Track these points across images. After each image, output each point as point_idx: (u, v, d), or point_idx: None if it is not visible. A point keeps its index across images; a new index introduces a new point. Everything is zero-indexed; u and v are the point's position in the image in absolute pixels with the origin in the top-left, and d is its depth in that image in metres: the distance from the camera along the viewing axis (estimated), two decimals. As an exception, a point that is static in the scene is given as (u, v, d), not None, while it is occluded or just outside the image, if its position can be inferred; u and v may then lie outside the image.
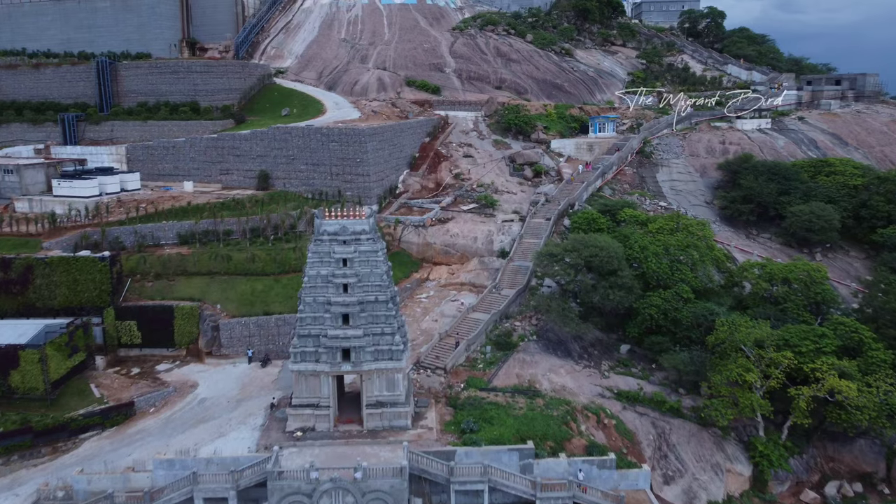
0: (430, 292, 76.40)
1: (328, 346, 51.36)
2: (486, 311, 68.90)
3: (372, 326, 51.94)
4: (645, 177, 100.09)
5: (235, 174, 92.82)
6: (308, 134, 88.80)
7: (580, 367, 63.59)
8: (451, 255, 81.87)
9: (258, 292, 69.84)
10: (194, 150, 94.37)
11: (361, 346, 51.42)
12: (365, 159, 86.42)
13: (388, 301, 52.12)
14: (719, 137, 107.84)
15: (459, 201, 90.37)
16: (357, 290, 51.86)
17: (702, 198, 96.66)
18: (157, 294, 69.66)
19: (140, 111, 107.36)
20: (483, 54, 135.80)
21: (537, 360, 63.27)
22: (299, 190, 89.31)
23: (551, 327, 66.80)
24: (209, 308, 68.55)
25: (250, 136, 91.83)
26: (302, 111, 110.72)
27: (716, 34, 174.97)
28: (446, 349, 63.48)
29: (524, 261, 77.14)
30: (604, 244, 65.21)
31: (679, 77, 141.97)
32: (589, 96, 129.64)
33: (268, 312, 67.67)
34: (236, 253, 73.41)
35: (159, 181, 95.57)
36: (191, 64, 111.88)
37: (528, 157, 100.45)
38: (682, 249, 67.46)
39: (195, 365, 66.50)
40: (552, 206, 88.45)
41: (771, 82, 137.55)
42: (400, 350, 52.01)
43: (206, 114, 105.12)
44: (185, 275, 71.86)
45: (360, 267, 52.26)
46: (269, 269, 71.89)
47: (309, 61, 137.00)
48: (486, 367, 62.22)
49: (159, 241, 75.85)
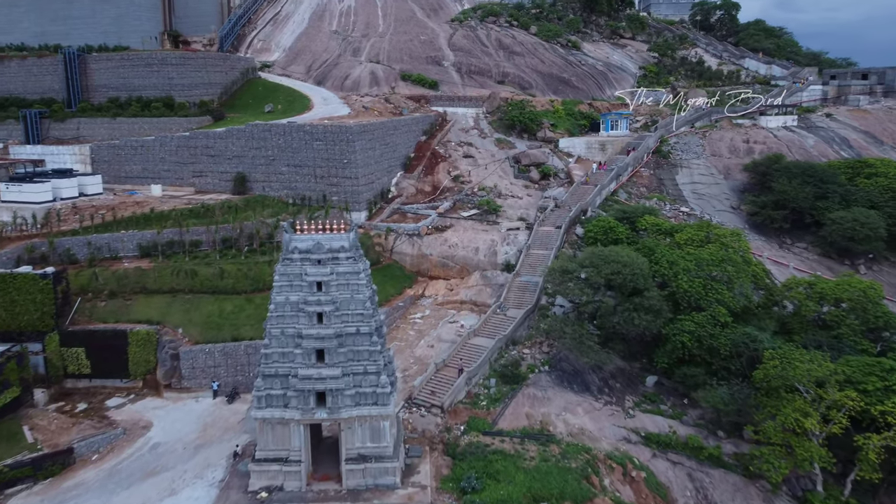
0: (425, 311, 67.14)
1: (299, 388, 42.15)
2: (489, 335, 59.71)
3: (352, 364, 42.73)
4: (663, 179, 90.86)
5: (210, 177, 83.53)
6: (290, 132, 79.47)
7: (600, 403, 54.34)
8: (449, 269, 72.63)
9: (227, 314, 60.55)
10: (164, 150, 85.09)
11: (339, 388, 42.21)
12: (353, 160, 77.14)
13: (373, 333, 42.90)
14: (743, 136, 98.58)
15: (459, 207, 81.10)
16: (334, 321, 42.63)
17: (727, 202, 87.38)
18: (111, 316, 60.37)
19: (109, 107, 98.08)
20: (484, 47, 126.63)
21: (550, 395, 54.06)
22: (280, 194, 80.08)
23: (566, 356, 57.56)
24: (169, 332, 59.26)
25: (226, 135, 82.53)
26: (287, 107, 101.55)
27: (729, 27, 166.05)
28: (444, 383, 54.25)
29: (532, 275, 67.94)
30: (627, 259, 56.01)
31: (693, 71, 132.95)
32: (598, 92, 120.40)
33: (237, 338, 58.32)
34: (203, 267, 64.22)
35: (127, 184, 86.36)
36: (166, 56, 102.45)
37: (534, 158, 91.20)
38: (717, 264, 58.19)
39: (152, 399, 57.25)
40: (562, 211, 79.23)
41: (793, 77, 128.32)
42: (387, 393, 42.80)
43: (181, 110, 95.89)
44: (143, 293, 62.62)
45: (339, 292, 43.03)
46: (240, 286, 62.64)
47: (297, 54, 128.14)
48: (490, 404, 53.02)
49: (117, 253, 66.66)
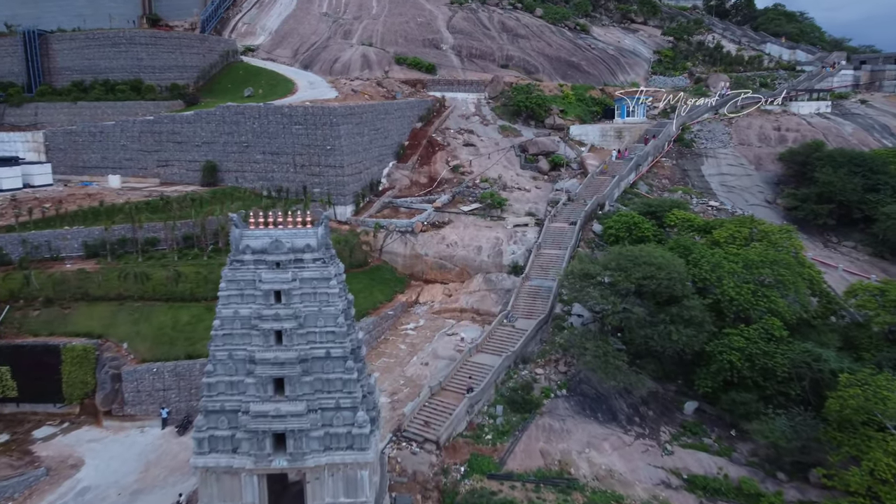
0: (419, 321, 57.42)
1: (251, 428, 32.40)
2: (495, 351, 50.03)
3: (321, 397, 33.02)
4: (687, 170, 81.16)
5: (176, 166, 73.81)
6: (265, 115, 69.73)
7: (631, 436, 44.65)
8: (447, 271, 62.93)
9: (182, 326, 50.82)
10: (126, 137, 75.35)
11: (304, 428, 32.49)
12: (337, 146, 67.40)
13: (347, 356, 33.17)
14: (773, 123, 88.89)
15: (458, 200, 71.42)
16: (297, 341, 32.93)
17: (760, 196, 77.73)
18: (44, 327, 50.68)
19: (71, 91, 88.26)
20: (486, 29, 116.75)
21: (570, 427, 44.37)
22: (255, 186, 70.40)
23: (587, 376, 47.87)
24: (112, 348, 49.55)
25: (194, 119, 72.77)
26: (269, 91, 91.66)
27: (745, 13, 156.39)
28: (440, 410, 44.55)
29: (544, 279, 58.26)
30: (661, 261, 46.31)
31: (711, 57, 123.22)
32: (610, 77, 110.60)
33: (192, 355, 48.57)
34: (158, 270, 54.55)
35: (85, 175, 76.74)
36: (134, 35, 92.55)
37: (542, 146, 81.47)
38: (768, 266, 48.50)
39: (88, 429, 47.53)
40: (576, 206, 69.55)
41: (820, 62, 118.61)
42: (365, 434, 33.06)
43: (149, 93, 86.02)
44: (86, 300, 52.91)
45: (303, 304, 33.31)
46: (199, 292, 52.93)
47: (284, 38, 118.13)
48: (496, 438, 43.35)
49: (58, 252, 57.03)
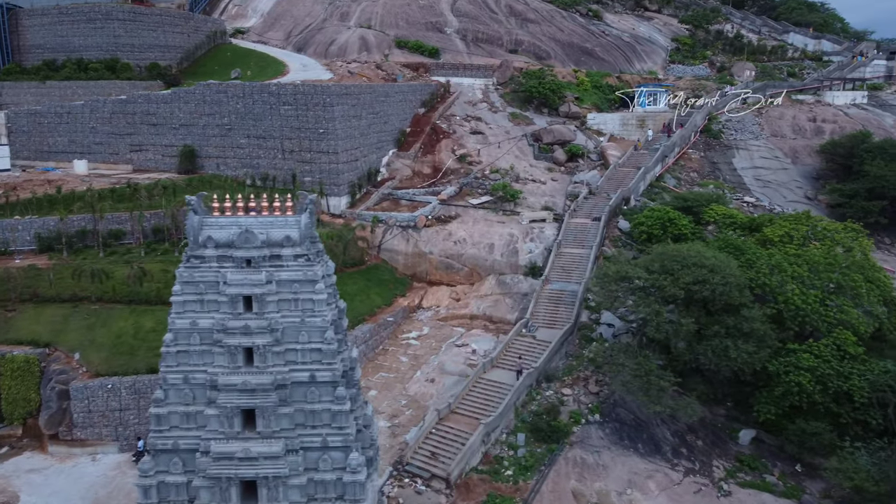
0: (423, 329, 49.87)
1: (213, 474, 24.86)
2: (513, 366, 42.53)
3: (303, 434, 25.52)
4: (717, 163, 73.85)
5: (151, 151, 66.08)
6: (250, 94, 62.08)
7: (679, 472, 37.21)
8: (455, 272, 55.40)
9: (144, 333, 43.10)
10: (96, 118, 67.56)
11: (280, 474, 24.95)
12: (331, 129, 59.81)
13: (337, 381, 25.64)
14: (807, 114, 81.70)
15: (467, 192, 63.92)
16: (273, 361, 25.42)
17: (799, 191, 70.47)
18: (-17, 334, 43.15)
19: (40, 70, 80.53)
20: (493, 13, 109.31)
21: (606, 461, 36.92)
22: (238, 174, 62.80)
23: (622, 398, 40.46)
24: (61, 359, 41.90)
25: (171, 98, 65.06)
26: (258, 73, 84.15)
27: (763, 3, 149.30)
28: (450, 439, 37.09)
29: (567, 282, 50.79)
30: (714, 263, 38.92)
31: (732, 46, 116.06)
32: (626, 65, 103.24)
33: (156, 369, 40.30)
34: (121, 267, 46.92)
35: (51, 160, 68.96)
36: (111, 10, 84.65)
37: (558, 135, 73.99)
38: (838, 271, 41.17)
39: (30, 456, 39.85)
40: (599, 200, 62.17)
41: (849, 52, 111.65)
42: (360, 482, 25.54)
43: (125, 72, 78.34)
44: (34, 301, 45.21)
45: (281, 313, 25.82)
46: (167, 294, 44.19)
47: (276, 20, 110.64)
48: (518, 474, 35.89)
49: (7, 245, 49.51)
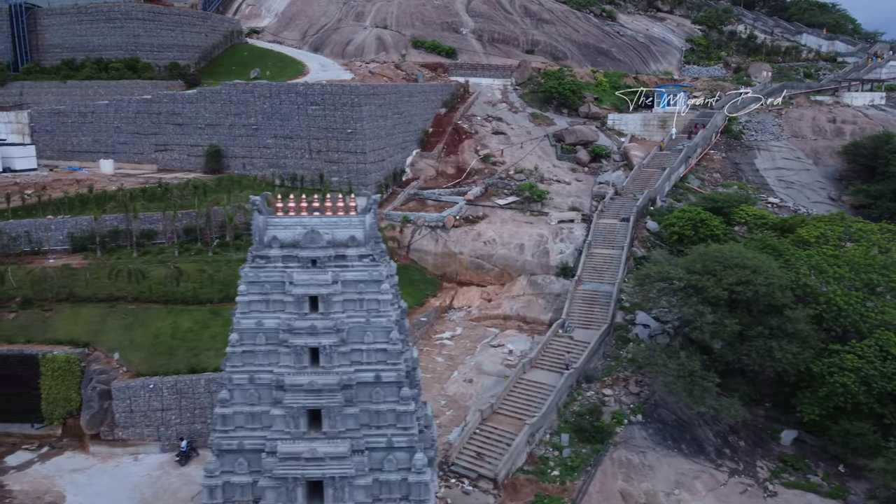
0: (456, 329, 49.91)
1: (279, 474, 24.89)
2: (552, 367, 42.61)
3: (368, 435, 25.54)
4: (739, 163, 73.90)
5: (176, 151, 66.13)
6: (277, 94, 62.14)
7: (724, 473, 37.25)
8: (485, 272, 55.44)
9: (183, 333, 43.15)
10: (120, 118, 67.61)
11: (347, 475, 24.97)
12: (359, 130, 59.84)
13: (402, 381, 25.68)
14: (827, 115, 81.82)
15: (492, 193, 63.93)
16: (339, 361, 25.43)
17: (823, 192, 70.55)
18: (21, 333, 43.00)
19: (60, 69, 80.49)
20: (507, 13, 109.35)
21: (651, 462, 36.97)
22: (264, 174, 62.83)
23: (663, 399, 40.52)
24: (101, 359, 41.92)
25: (197, 98, 65.11)
26: (277, 73, 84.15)
27: (773, 4, 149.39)
28: (494, 440, 37.13)
29: (600, 283, 50.84)
30: (757, 264, 39.00)
31: (746, 46, 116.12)
32: (642, 65, 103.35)
33: (196, 368, 40.96)
34: (156, 267, 46.93)
35: (74, 160, 68.98)
36: (131, 9, 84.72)
37: (581, 135, 74.02)
38: (878, 272, 41.24)
39: (71, 456, 39.88)
40: (625, 200, 62.23)
41: (864, 53, 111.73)
42: (424, 482, 25.61)
43: (147, 72, 78.33)
44: (71, 301, 45.21)
45: (346, 314, 25.82)
46: (204, 294, 45.31)
47: (291, 19, 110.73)
48: (564, 474, 35.93)
49: (40, 245, 49.42)
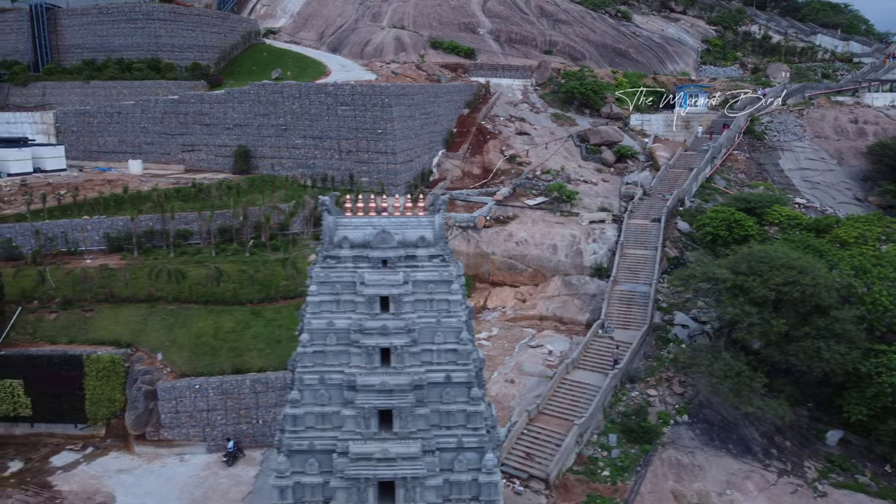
0: (492, 330, 49.93)
1: (351, 475, 24.90)
2: (595, 368, 42.65)
3: (439, 435, 25.55)
4: (763, 164, 73.96)
5: (204, 151, 66.14)
6: (307, 94, 62.15)
7: (773, 473, 37.29)
8: (518, 272, 55.45)
9: (225, 333, 43.18)
10: (147, 118, 67.60)
11: (418, 475, 24.99)
12: (389, 130, 59.87)
13: (472, 382, 25.70)
14: (848, 115, 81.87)
15: (521, 193, 63.97)
16: (410, 362, 25.44)
17: (849, 193, 70.61)
18: (63, 334, 43.09)
19: (83, 70, 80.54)
20: (524, 14, 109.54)
21: (701, 462, 37.01)
22: (293, 174, 62.78)
23: (707, 399, 40.57)
24: (145, 359, 41.97)
25: (225, 98, 65.11)
26: (298, 74, 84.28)
27: (785, 4, 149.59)
28: (543, 440, 37.17)
29: (636, 283, 50.90)
30: (802, 264, 39.06)
31: (761, 47, 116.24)
32: (659, 66, 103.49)
33: (241, 369, 41.04)
34: (194, 267, 46.93)
35: (100, 160, 68.99)
36: (152, 10, 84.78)
37: (605, 136, 74.08)
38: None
39: (117, 456, 39.92)
40: (654, 201, 62.28)
41: (881, 53, 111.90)
42: (495, 483, 25.63)
43: (169, 72, 78.39)
44: (110, 301, 45.25)
45: (417, 314, 25.84)
46: (244, 295, 45.35)
47: (307, 20, 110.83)
48: (614, 474, 35.97)
49: (76, 245, 49.40)
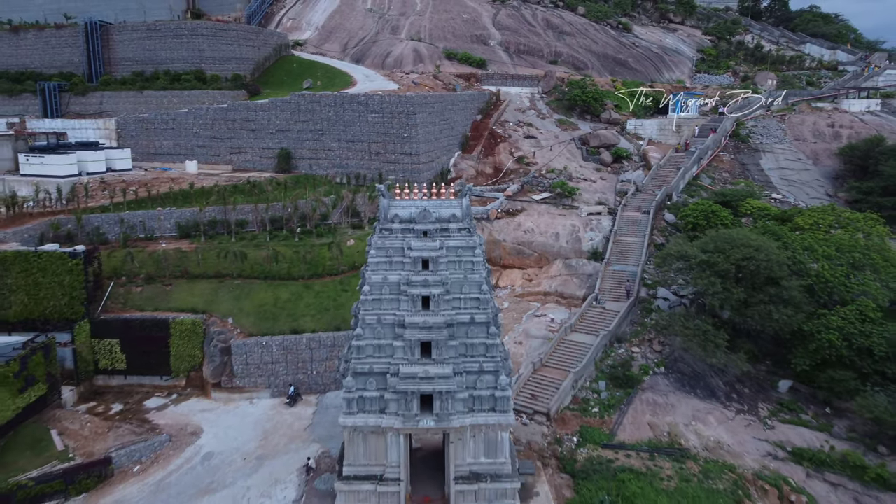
0: (503, 304, 58.76)
1: (400, 389, 33.80)
2: (589, 331, 51.37)
3: (466, 361, 34.41)
4: (746, 164, 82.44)
5: (249, 153, 75.37)
6: (341, 103, 71.26)
7: (731, 412, 45.91)
8: (525, 257, 64.26)
9: (283, 302, 52.28)
10: (199, 124, 76.95)
11: (450, 390, 33.84)
12: (413, 134, 68.85)
13: (490, 322, 34.57)
14: (826, 120, 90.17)
15: (528, 189, 72.78)
16: (444, 307, 34.34)
17: (821, 189, 78.99)
18: (148, 303, 52.20)
19: (135, 80, 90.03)
20: (531, 26, 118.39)
21: (672, 402, 45.68)
22: (329, 173, 71.86)
23: (681, 355, 49.19)
24: (218, 323, 51.04)
25: (268, 107, 74.35)
26: (327, 84, 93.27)
27: (779, 15, 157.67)
28: (545, 385, 45.94)
29: (626, 265, 59.61)
30: (759, 243, 47.67)
31: (753, 56, 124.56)
32: (657, 74, 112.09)
33: (296, 330, 50.09)
34: (253, 250, 56.01)
35: (156, 161, 78.35)
36: (196, 26, 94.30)
37: (604, 139, 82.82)
38: (860, 251, 49.79)
39: (198, 401, 49.00)
40: (645, 196, 70.90)
41: (863, 62, 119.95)
42: (507, 397, 34.45)
43: (214, 83, 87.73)
44: (185, 277, 54.41)
45: (449, 271, 34.75)
46: (296, 272, 54.41)
47: (331, 33, 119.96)
48: (602, 411, 44.68)
49: (153, 232, 58.54)
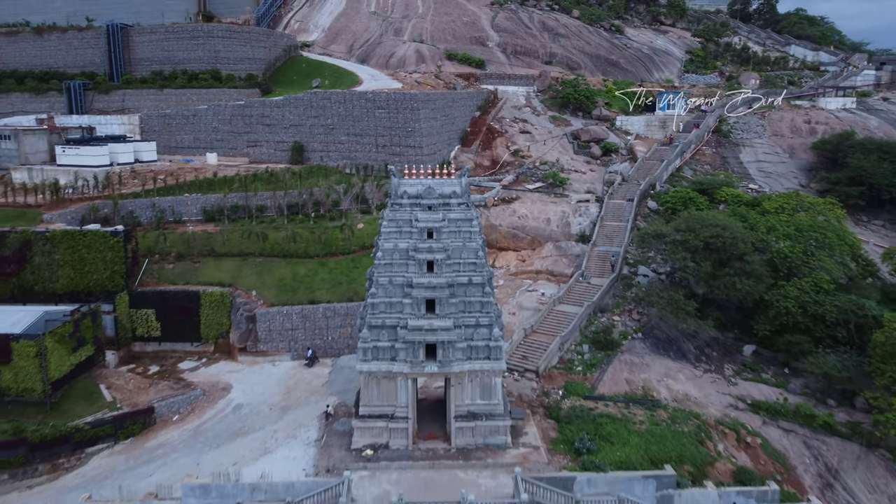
0: (499, 281, 64.66)
1: (408, 339, 39.72)
2: (575, 302, 57.30)
3: (464, 316, 40.34)
4: (727, 157, 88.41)
5: (265, 146, 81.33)
6: (350, 100, 77.25)
7: (700, 371, 51.87)
8: (519, 240, 70.20)
9: (300, 277, 58.27)
10: (218, 120, 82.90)
11: (451, 340, 39.76)
12: (417, 129, 74.81)
13: (485, 283, 40.49)
14: (803, 117, 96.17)
15: (522, 180, 78.76)
16: (445, 269, 40.26)
17: (795, 180, 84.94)
18: (180, 278, 58.19)
19: (155, 79, 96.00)
20: (528, 28, 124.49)
21: (647, 362, 51.61)
22: (339, 164, 77.81)
23: (657, 323, 55.13)
24: (243, 295, 57.01)
25: (283, 103, 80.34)
26: (335, 83, 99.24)
27: (768, 17, 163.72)
28: (535, 348, 51.85)
29: (610, 245, 65.54)
30: (726, 223, 53.63)
31: (739, 57, 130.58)
32: (647, 74, 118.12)
33: (313, 301, 56.06)
34: (272, 231, 61.99)
35: (177, 154, 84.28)
36: (212, 28, 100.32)
37: (594, 134, 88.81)
38: (817, 231, 55.75)
39: (226, 363, 54.96)
40: (631, 185, 76.86)
41: (844, 63, 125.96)
42: (499, 347, 40.39)
43: (229, 82, 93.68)
44: (212, 256, 60.40)
45: (450, 239, 40.69)
46: (311, 251, 60.37)
47: (337, 34, 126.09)
48: (585, 369, 50.60)
49: (181, 216, 64.51)
